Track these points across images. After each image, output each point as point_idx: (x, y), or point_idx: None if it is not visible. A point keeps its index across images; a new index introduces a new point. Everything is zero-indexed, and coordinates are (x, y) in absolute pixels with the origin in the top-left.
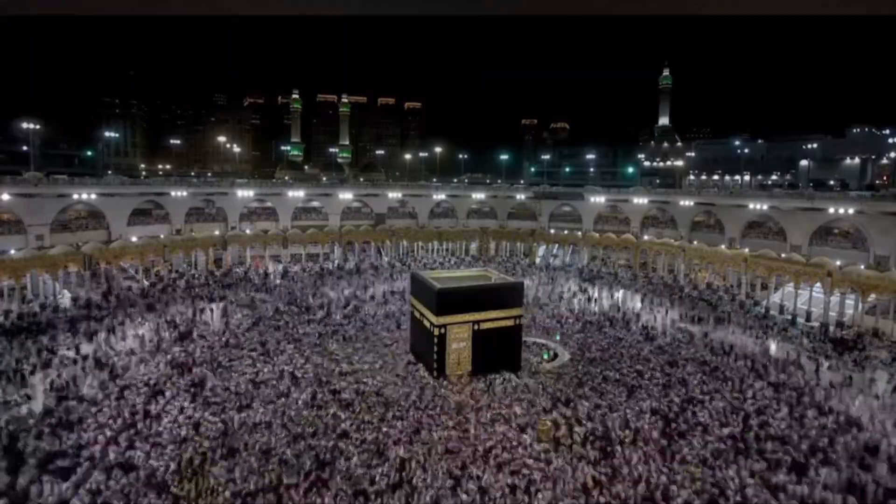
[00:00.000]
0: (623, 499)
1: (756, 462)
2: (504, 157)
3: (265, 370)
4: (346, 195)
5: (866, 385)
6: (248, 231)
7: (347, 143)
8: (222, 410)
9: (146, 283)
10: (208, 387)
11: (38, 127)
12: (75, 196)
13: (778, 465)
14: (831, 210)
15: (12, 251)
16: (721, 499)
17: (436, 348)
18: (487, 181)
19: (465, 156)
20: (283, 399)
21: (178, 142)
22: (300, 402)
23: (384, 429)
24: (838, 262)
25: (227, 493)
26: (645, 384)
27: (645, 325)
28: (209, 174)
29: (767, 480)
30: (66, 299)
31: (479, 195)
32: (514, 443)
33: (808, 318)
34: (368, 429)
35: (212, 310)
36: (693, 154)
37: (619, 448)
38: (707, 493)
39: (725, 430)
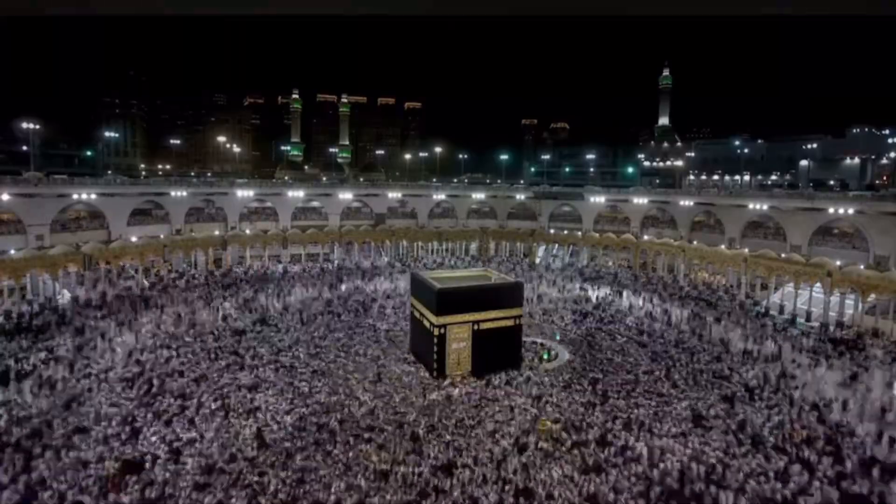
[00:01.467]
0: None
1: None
2: (504, 157)
3: (274, 426)
4: (345, 195)
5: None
6: (248, 231)
7: (347, 143)
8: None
9: (146, 282)
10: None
11: (38, 127)
12: (75, 196)
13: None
14: (831, 210)
15: (12, 251)
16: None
17: (436, 348)
18: (487, 181)
19: (465, 156)
20: (329, 447)
21: (178, 142)
22: (342, 447)
23: (490, 447)
24: (838, 262)
25: None
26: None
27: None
28: (209, 174)
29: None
30: (65, 299)
31: (479, 195)
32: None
33: (808, 318)
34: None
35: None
36: (693, 154)
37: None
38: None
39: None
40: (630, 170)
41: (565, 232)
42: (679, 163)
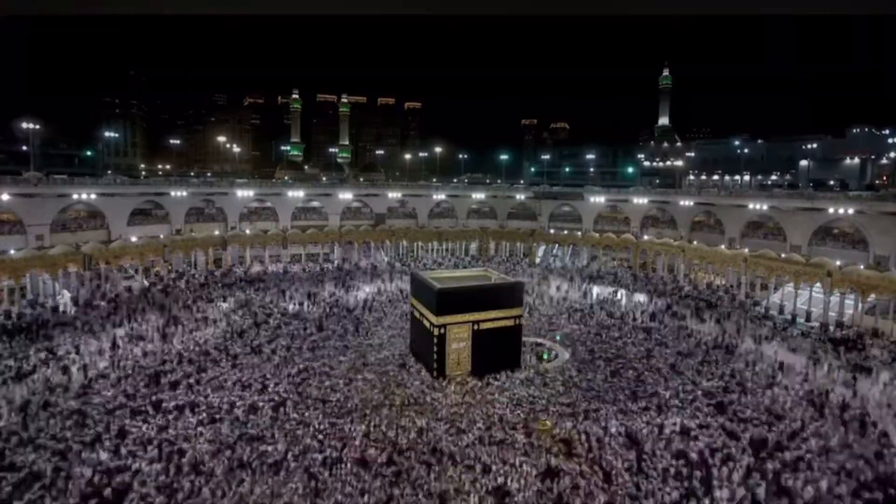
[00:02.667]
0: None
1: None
2: (504, 157)
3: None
4: (345, 195)
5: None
6: (247, 231)
7: (347, 143)
8: None
9: (146, 282)
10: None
11: (38, 127)
12: (75, 196)
13: None
14: (831, 210)
15: (12, 251)
16: None
17: (436, 348)
18: (487, 181)
19: (465, 156)
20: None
21: (178, 142)
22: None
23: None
24: (838, 262)
25: None
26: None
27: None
28: (209, 174)
29: None
30: (65, 299)
31: (479, 195)
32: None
33: (807, 318)
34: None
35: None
36: (693, 154)
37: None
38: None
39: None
40: (630, 170)
41: (565, 232)
42: (679, 163)
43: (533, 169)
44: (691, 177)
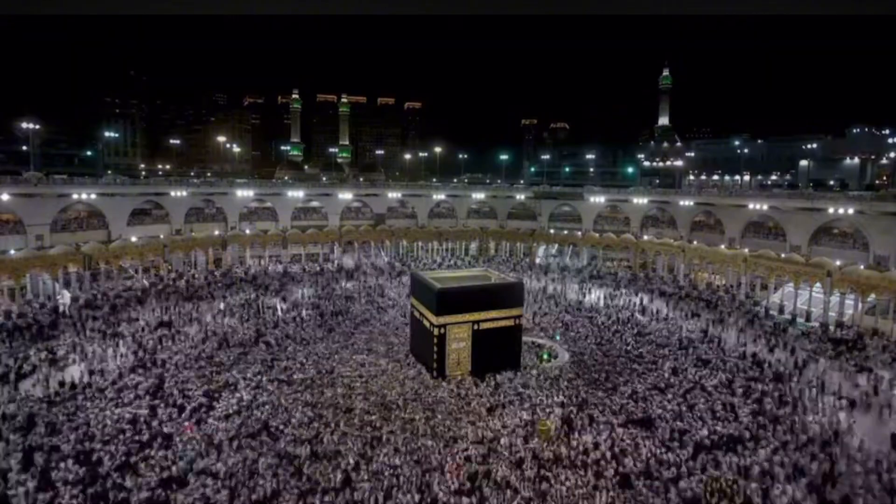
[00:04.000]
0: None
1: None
2: (504, 157)
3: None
4: (345, 195)
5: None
6: (247, 231)
7: (347, 143)
8: None
9: (146, 282)
10: None
11: (38, 127)
12: (75, 196)
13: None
14: (831, 210)
15: (12, 251)
16: None
17: (435, 348)
18: (487, 181)
19: (465, 156)
20: None
21: (178, 142)
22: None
23: None
24: (838, 262)
25: None
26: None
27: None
28: (209, 174)
29: None
30: (65, 299)
31: (478, 195)
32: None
33: (807, 318)
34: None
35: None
36: (693, 154)
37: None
38: None
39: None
40: (630, 170)
41: (565, 232)
42: (679, 163)
43: (533, 169)
44: (691, 177)
